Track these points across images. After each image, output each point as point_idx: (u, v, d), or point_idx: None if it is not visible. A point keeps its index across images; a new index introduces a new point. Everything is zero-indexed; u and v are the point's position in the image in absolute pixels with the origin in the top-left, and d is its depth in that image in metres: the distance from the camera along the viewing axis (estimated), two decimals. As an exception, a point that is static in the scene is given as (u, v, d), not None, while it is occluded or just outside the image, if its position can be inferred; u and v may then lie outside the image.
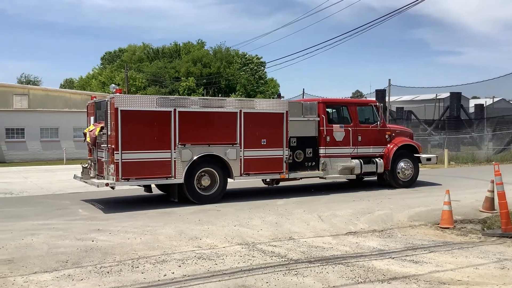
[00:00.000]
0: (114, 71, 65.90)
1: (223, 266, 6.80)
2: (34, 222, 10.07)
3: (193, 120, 11.96)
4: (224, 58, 65.19)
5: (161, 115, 11.60)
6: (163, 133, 11.59)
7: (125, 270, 6.64)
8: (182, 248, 7.83)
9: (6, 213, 11.38)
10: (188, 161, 11.83)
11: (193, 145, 11.91)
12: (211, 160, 12.22)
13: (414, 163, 15.31)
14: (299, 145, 13.61)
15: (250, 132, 12.58)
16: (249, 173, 12.70)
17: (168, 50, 71.53)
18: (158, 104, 11.64)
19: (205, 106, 12.22)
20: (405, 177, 15.12)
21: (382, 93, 35.59)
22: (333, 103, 15.05)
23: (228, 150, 12.29)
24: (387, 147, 14.98)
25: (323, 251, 7.65)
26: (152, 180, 11.80)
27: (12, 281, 6.17)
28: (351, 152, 14.39)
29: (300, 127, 13.58)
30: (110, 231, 9.06)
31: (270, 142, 12.85)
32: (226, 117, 12.39)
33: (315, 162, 13.89)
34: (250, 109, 12.70)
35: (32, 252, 7.55)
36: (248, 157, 12.59)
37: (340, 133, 14.21)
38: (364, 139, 14.59)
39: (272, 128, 12.88)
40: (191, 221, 9.95)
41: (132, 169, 11.26)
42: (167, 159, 11.63)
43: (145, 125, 11.40)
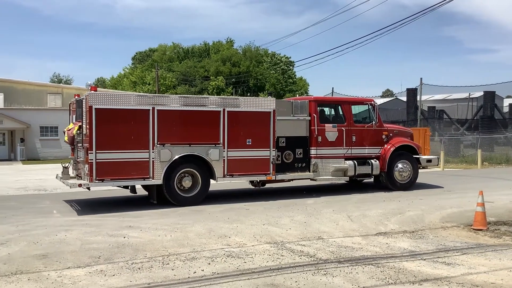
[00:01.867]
0: (145, 71, 66.78)
1: (252, 265, 6.82)
2: (67, 218, 10.31)
3: (173, 119, 11.50)
4: (253, 57, 65.29)
5: (139, 114, 11.16)
6: (141, 132, 11.17)
7: (155, 266, 6.73)
8: (211, 246, 7.89)
9: (40, 209, 11.68)
10: (167, 161, 11.40)
11: (173, 145, 11.47)
12: (192, 161, 11.77)
13: (413, 164, 14.62)
14: (288, 146, 13.10)
15: (234, 132, 12.09)
16: (233, 174, 12.19)
17: (197, 49, 72.09)
18: (135, 102, 11.20)
19: (185, 105, 11.73)
20: (403, 179, 14.40)
21: (413, 92, 35.07)
22: (325, 102, 14.72)
23: (211, 150, 11.83)
24: (384, 147, 14.30)
25: (353, 251, 7.58)
26: (128, 181, 11.36)
27: (46, 276, 6.32)
28: (345, 153, 13.77)
29: (289, 127, 13.05)
30: (141, 228, 9.20)
31: (255, 142, 12.33)
32: (209, 116, 11.90)
33: (306, 163, 13.33)
34: (234, 108, 12.16)
35: (66, 248, 7.73)
36: (232, 158, 12.09)
37: (332, 133, 13.61)
38: (359, 139, 13.97)
39: (258, 127, 12.34)
40: (220, 219, 10.01)
41: (107, 169, 10.86)
42: (145, 159, 11.21)
43: (122, 124, 10.99)
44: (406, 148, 14.63)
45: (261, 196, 13.30)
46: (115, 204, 12.34)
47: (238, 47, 70.44)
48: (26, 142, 38.00)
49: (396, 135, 14.73)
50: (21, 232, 8.83)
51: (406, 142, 14.73)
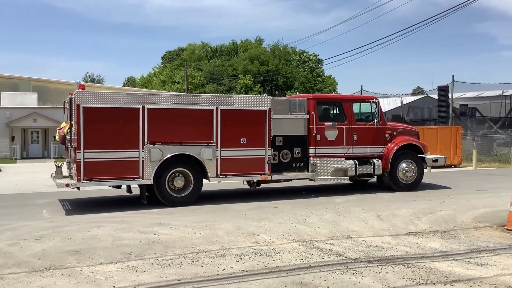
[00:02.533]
0: (174, 70, 67.49)
1: (281, 263, 6.82)
2: (100, 215, 10.52)
3: (164, 118, 11.30)
4: (282, 55, 65.19)
5: (128, 112, 10.98)
6: (130, 131, 10.98)
7: (185, 263, 6.81)
8: (240, 243, 7.93)
9: (74, 205, 11.94)
10: (158, 161, 11.18)
11: (164, 144, 11.26)
12: (184, 160, 11.55)
13: (418, 164, 14.09)
14: (286, 145, 12.77)
15: (228, 131, 11.82)
16: (226, 174, 11.92)
17: (226, 48, 72.42)
18: (124, 100, 11.01)
19: (176, 103, 11.54)
20: (407, 180, 13.91)
21: (445, 90, 34.43)
22: (325, 100, 14.36)
23: (203, 149, 11.60)
24: (387, 147, 13.85)
25: (383, 251, 7.51)
26: (117, 181, 11.17)
27: (79, 271, 6.47)
28: (345, 152, 13.37)
29: (287, 126, 12.75)
30: (171, 225, 9.31)
31: (250, 141, 12.06)
32: (201, 114, 11.66)
33: (304, 162, 12.98)
34: (228, 106, 11.90)
35: (98, 244, 7.89)
36: (225, 157, 11.83)
37: (332, 131, 13.21)
38: (360, 138, 13.53)
39: (252, 126, 12.07)
40: (248, 217, 10.05)
41: (95, 169, 10.71)
42: (134, 158, 11.01)
43: (111, 122, 10.82)
44: (411, 148, 14.17)
45: (289, 195, 13.29)
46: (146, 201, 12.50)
47: (267, 46, 70.51)
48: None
49: (400, 134, 14.24)
50: (54, 228, 9.06)
51: (410, 141, 14.24)
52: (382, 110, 14.15)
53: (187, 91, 48.20)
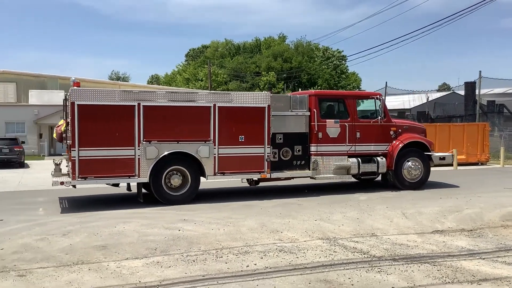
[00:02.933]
0: (197, 68, 67.84)
1: (305, 260, 6.82)
2: (126, 210, 10.67)
3: (160, 115, 11.18)
4: (305, 52, 64.90)
5: (123, 110, 10.89)
6: (126, 129, 10.89)
7: (209, 259, 6.86)
8: (263, 240, 7.95)
9: (102, 201, 12.13)
10: (154, 159, 11.09)
11: (160, 141, 11.14)
12: (181, 158, 11.41)
13: (424, 162, 13.70)
14: (286, 142, 12.54)
15: (226, 128, 11.67)
16: (224, 172, 11.75)
17: (249, 45, 72.42)
18: (120, 98, 10.92)
19: (173, 100, 11.41)
20: (412, 178, 13.56)
21: (472, 86, 33.81)
22: (327, 96, 14.03)
23: (200, 147, 11.45)
24: (392, 144, 13.48)
25: (408, 249, 7.43)
26: (113, 179, 11.10)
27: (106, 266, 6.58)
28: (348, 150, 13.06)
29: (287, 123, 12.54)
30: (195, 221, 9.39)
31: (249, 139, 11.87)
32: (198, 111, 11.51)
33: (305, 160, 12.72)
34: (226, 103, 11.72)
35: (124, 239, 8.01)
36: (223, 155, 11.67)
37: (334, 129, 12.92)
38: (363, 135, 13.20)
39: (251, 123, 11.87)
40: (272, 214, 10.06)
41: (90, 167, 10.66)
42: (130, 156, 10.93)
43: (106, 120, 10.75)
44: (417, 145, 13.79)
45: (313, 192, 13.24)
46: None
47: (290, 42, 70.23)
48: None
49: (406, 131, 13.85)
50: (81, 224, 9.23)
51: (416, 138, 13.81)
52: (386, 107, 13.80)
53: (210, 88, 48.41)
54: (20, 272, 6.33)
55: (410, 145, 13.62)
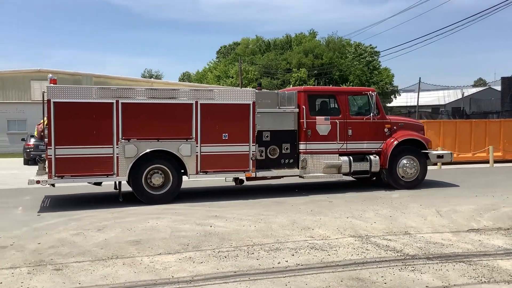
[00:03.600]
0: (228, 65, 68.08)
1: (336, 258, 6.77)
2: (159, 206, 10.81)
3: (140, 113, 10.91)
4: (336, 48, 64.32)
5: (101, 107, 10.66)
6: (104, 126, 10.67)
7: (241, 255, 6.89)
8: (294, 237, 7.93)
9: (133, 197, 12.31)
10: (133, 157, 10.83)
11: (139, 139, 10.88)
12: (162, 157, 11.16)
13: (421, 160, 13.15)
14: (273, 140, 12.16)
15: (209, 126, 11.32)
16: (207, 171, 11.42)
17: (280, 42, 72.25)
18: (97, 95, 10.67)
19: (153, 97, 11.10)
20: (407, 177, 13.01)
21: (509, 81, 32.91)
22: (317, 92, 13.53)
23: (182, 145, 11.14)
24: (386, 142, 12.97)
25: (442, 247, 7.29)
26: (90, 178, 10.89)
27: (139, 261, 6.69)
28: (339, 148, 12.62)
29: (274, 120, 12.15)
30: (226, 217, 9.44)
31: (233, 137, 11.51)
32: (179, 109, 11.22)
33: (294, 159, 12.34)
34: (209, 100, 11.39)
35: (157, 235, 8.12)
36: (206, 153, 11.36)
37: (325, 126, 12.48)
38: (355, 133, 12.74)
39: (235, 121, 11.51)
40: (303, 211, 10.02)
41: (67, 165, 10.46)
42: (108, 155, 10.69)
43: (83, 118, 10.55)
44: (414, 143, 13.26)
45: (344, 189, 13.13)
46: (202, 194, 12.75)
47: (321, 39, 69.74)
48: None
49: (402, 128, 13.31)
50: (116, 219, 9.41)
51: (412, 135, 13.29)
52: (380, 103, 13.27)
53: (241, 85, 48.51)
54: (57, 266, 6.49)
55: (406, 143, 13.11)
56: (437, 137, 22.43)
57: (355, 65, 60.72)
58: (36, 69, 43.18)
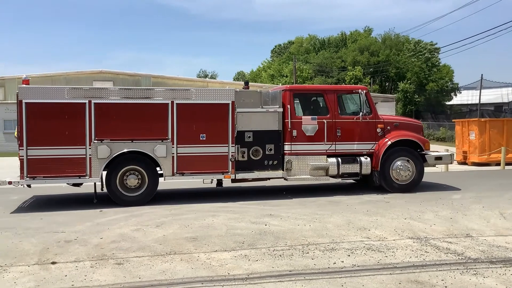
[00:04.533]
0: (282, 64, 68.06)
1: (394, 259, 6.63)
2: (214, 204, 10.99)
3: (113, 113, 10.74)
4: (393, 45, 62.88)
5: (73, 108, 10.53)
6: (76, 127, 10.54)
7: (296, 255, 6.88)
8: (350, 237, 7.83)
9: (192, 194, 12.58)
10: (106, 158, 10.67)
11: (113, 140, 10.70)
12: (137, 158, 10.94)
13: (417, 162, 12.41)
14: (256, 141, 11.67)
15: (185, 126, 11.06)
16: (183, 173, 11.13)
17: (334, 40, 71.52)
18: (69, 95, 10.56)
19: (127, 97, 10.91)
20: (401, 180, 12.31)
21: None
22: (303, 91, 13.03)
23: (157, 146, 10.91)
24: (378, 143, 12.30)
25: (507, 251, 6.98)
26: (63, 179, 10.70)
27: (196, 257, 6.82)
28: (327, 149, 12.04)
29: (257, 120, 11.66)
30: (281, 216, 9.46)
31: (211, 137, 11.19)
32: (155, 109, 10.98)
33: (278, 160, 11.82)
34: (185, 100, 11.10)
35: (213, 232, 8.25)
36: (182, 154, 11.06)
37: (311, 126, 11.93)
38: (345, 133, 12.14)
39: (213, 121, 11.19)
40: (359, 211, 9.88)
41: (39, 166, 10.37)
42: (81, 156, 10.55)
43: (55, 118, 10.44)
44: (410, 144, 12.54)
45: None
46: (256, 192, 12.83)
47: (377, 36, 68.44)
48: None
49: (396, 128, 12.59)
50: (173, 216, 9.64)
51: (406, 136, 12.54)
52: (373, 102, 12.60)
53: (296, 83, 48.35)
54: (118, 260, 6.72)
55: (401, 143, 12.44)
56: (500, 136, 21.52)
57: (412, 62, 59.06)
58: (98, 70, 44.91)
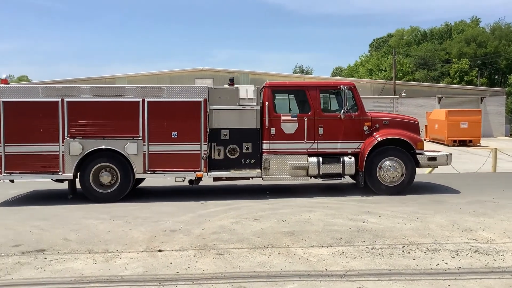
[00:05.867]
0: (381, 58, 66.20)
1: (503, 263, 6.23)
2: (310, 200, 11.00)
3: (84, 111, 10.96)
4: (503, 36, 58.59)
5: (47, 106, 10.85)
6: (50, 125, 10.84)
7: (395, 254, 6.70)
8: (455, 239, 7.46)
9: (291, 189, 12.72)
10: (78, 155, 10.87)
11: (85, 138, 10.90)
12: (110, 155, 11.02)
13: (407, 163, 11.50)
14: (233, 139, 11.35)
15: (157, 124, 11.03)
16: (155, 170, 11.10)
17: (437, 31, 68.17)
18: (43, 94, 10.91)
19: (98, 95, 11.08)
20: (390, 181, 11.47)
21: None
22: (284, 88, 12.37)
23: (128, 143, 10.97)
24: (365, 141, 11.52)
25: None
26: (37, 175, 11.00)
27: (293, 252, 6.89)
28: (308, 148, 11.46)
29: (234, 118, 11.32)
30: (379, 214, 9.24)
31: (183, 136, 11.09)
32: (126, 107, 11.04)
33: (256, 159, 11.39)
34: (156, 98, 11.08)
35: (310, 227, 8.27)
36: (154, 152, 11.05)
37: (291, 124, 11.41)
38: (328, 131, 11.49)
39: (185, 119, 11.08)
40: (464, 212, 9.38)
41: (16, 162, 10.80)
42: (54, 152, 10.85)
43: (30, 116, 10.81)
44: (402, 143, 11.64)
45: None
46: (351, 189, 12.63)
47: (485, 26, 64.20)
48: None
49: (386, 127, 11.73)
50: (271, 210, 9.79)
51: (395, 134, 11.65)
52: (360, 98, 11.80)
53: (395, 79, 46.78)
54: (219, 251, 6.99)
55: (391, 142, 11.64)
56: None
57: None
58: (199, 68, 46.72)
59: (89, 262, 6.54)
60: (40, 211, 10.21)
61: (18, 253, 6.99)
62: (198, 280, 5.80)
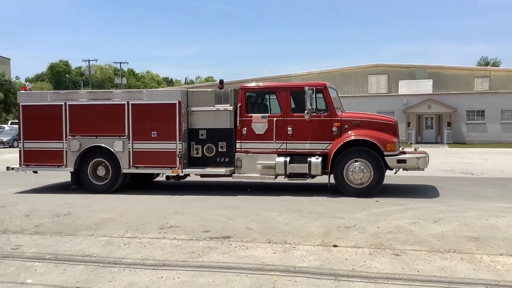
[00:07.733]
0: None
1: None
2: (497, 204, 10.11)
3: (82, 113, 12.52)
4: None
5: (54, 109, 12.57)
6: (57, 124, 12.53)
7: None
8: None
9: (468, 193, 11.86)
10: (77, 151, 12.44)
11: (82, 136, 12.46)
12: (103, 151, 12.42)
13: (374, 164, 11.22)
14: (209, 139, 12.17)
15: (139, 124, 12.24)
16: (138, 166, 12.33)
17: None
18: (51, 98, 12.78)
19: (93, 99, 12.67)
20: (356, 183, 11.29)
21: None
22: (256, 90, 12.55)
23: (115, 142, 12.30)
24: (333, 142, 11.38)
25: None
26: (47, 168, 12.83)
27: (479, 259, 6.40)
28: (278, 147, 11.77)
29: (210, 118, 12.11)
30: None
31: (161, 135, 12.13)
32: (114, 109, 12.40)
33: (230, 158, 12.06)
34: (138, 101, 12.35)
35: (497, 234, 7.59)
36: (137, 150, 12.27)
37: (261, 124, 11.83)
38: (296, 132, 11.67)
39: (163, 119, 12.10)
40: None
41: (32, 156, 12.72)
42: (60, 149, 12.56)
43: (42, 117, 12.66)
44: (371, 145, 11.29)
45: None
46: None
47: None
48: (453, 126, 39.16)
49: (356, 127, 11.54)
50: (452, 213, 9.23)
51: (362, 135, 11.40)
52: (330, 99, 11.70)
53: None
54: (395, 251, 6.81)
55: (359, 143, 11.40)
56: None
57: None
58: (373, 64, 45.92)
59: (269, 251, 6.94)
60: (223, 201, 11.12)
61: (207, 238, 7.73)
62: (375, 279, 5.74)
